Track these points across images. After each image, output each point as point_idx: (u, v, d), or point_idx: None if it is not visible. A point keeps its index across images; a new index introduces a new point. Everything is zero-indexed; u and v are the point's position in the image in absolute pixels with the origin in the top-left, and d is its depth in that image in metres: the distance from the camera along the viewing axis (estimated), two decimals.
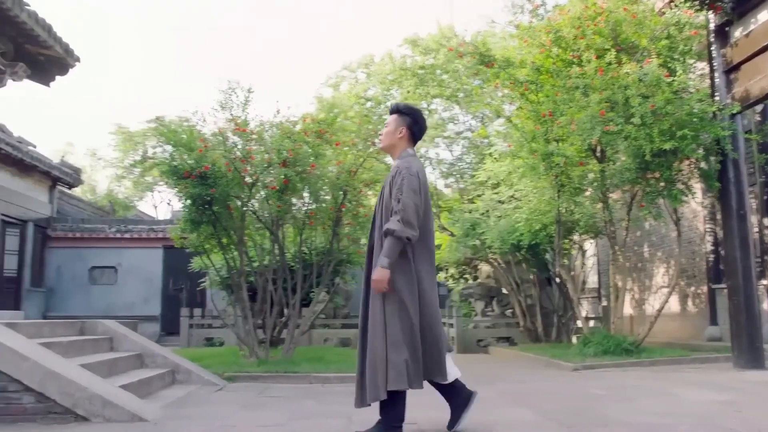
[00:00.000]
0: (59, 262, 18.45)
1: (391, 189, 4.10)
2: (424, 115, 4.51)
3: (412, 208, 3.96)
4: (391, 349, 3.91)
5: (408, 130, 4.30)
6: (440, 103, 14.97)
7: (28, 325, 6.12)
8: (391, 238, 3.94)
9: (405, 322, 3.95)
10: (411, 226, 3.95)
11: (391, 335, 3.94)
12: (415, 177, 4.07)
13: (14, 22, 9.60)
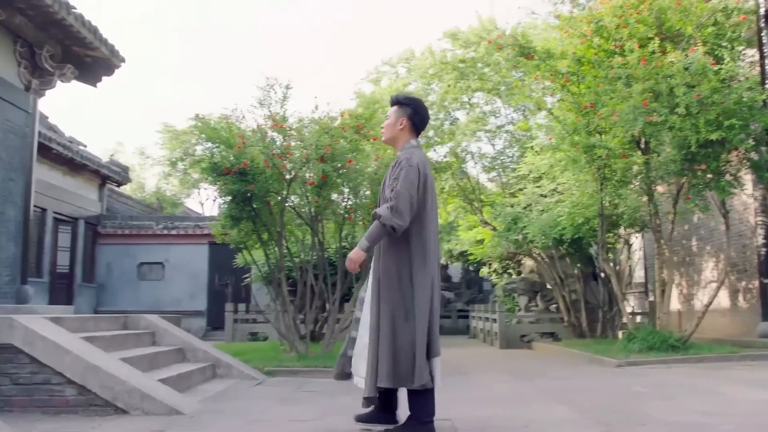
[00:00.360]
0: (109, 259, 18.94)
1: (390, 179, 4.09)
2: (424, 105, 4.45)
3: (406, 198, 3.91)
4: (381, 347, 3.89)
5: (409, 120, 4.25)
6: (481, 96, 14.82)
7: (73, 320, 6.28)
8: (377, 223, 3.92)
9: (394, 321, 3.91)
10: (400, 216, 3.88)
11: (382, 332, 3.92)
12: (415, 168, 4.01)
13: (61, 24, 9.82)
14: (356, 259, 3.91)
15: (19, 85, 10.31)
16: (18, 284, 10.31)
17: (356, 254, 3.92)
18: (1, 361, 4.93)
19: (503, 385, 7.15)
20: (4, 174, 9.85)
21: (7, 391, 4.90)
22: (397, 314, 3.93)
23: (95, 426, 4.40)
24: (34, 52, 10.42)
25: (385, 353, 3.88)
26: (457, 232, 17.68)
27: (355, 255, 3.92)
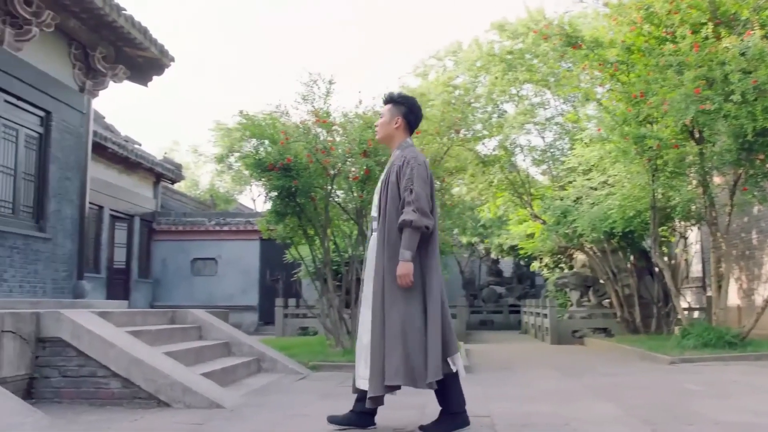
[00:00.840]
0: (164, 255, 19.36)
1: (398, 178, 4.02)
2: (419, 104, 4.42)
3: (425, 197, 3.92)
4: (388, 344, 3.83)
5: (404, 119, 4.24)
6: (530, 88, 14.58)
7: (122, 314, 6.43)
8: (409, 230, 3.86)
9: (406, 316, 3.85)
10: (427, 216, 3.90)
11: (388, 330, 3.85)
12: (423, 166, 4.03)
13: (112, 26, 10.07)
14: (406, 273, 3.84)
15: (74, 87, 10.62)
16: (75, 280, 10.65)
17: (405, 268, 3.84)
18: (50, 354, 5.07)
19: (549, 381, 7.01)
20: (60, 173, 10.17)
21: (56, 383, 5.05)
22: (407, 313, 3.87)
23: (137, 418, 4.48)
24: (88, 54, 10.72)
25: (396, 352, 3.81)
26: (507, 226, 17.45)
27: (403, 270, 3.84)
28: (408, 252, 3.84)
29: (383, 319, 3.88)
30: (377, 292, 3.96)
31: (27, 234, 9.33)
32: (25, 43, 9.13)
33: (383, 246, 3.98)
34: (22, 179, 9.40)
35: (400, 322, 3.85)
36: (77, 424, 4.22)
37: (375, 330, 3.91)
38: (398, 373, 3.80)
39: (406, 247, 3.85)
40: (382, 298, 3.91)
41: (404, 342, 3.83)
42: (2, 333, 4.67)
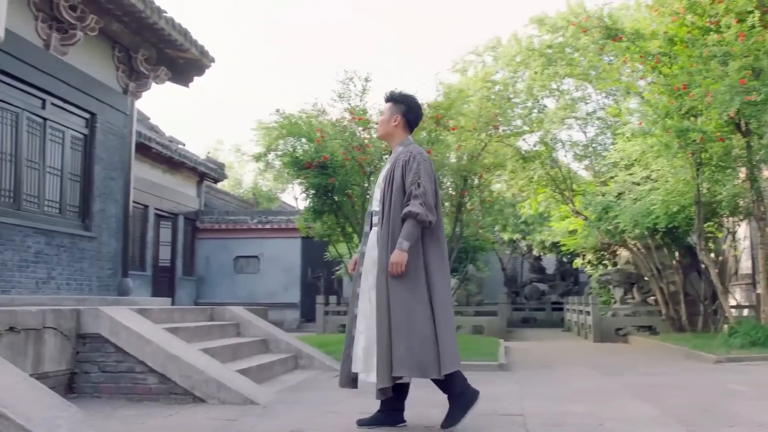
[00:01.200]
0: (207, 252, 19.68)
1: (404, 173, 4.04)
2: (418, 103, 4.46)
3: (431, 192, 3.99)
4: (395, 337, 3.83)
5: (403, 117, 4.29)
6: (571, 82, 14.35)
7: (160, 311, 6.55)
8: (412, 221, 3.91)
9: (408, 309, 3.86)
10: (432, 211, 3.97)
11: (394, 322, 3.86)
12: (428, 162, 4.11)
13: (154, 28, 10.26)
14: (401, 261, 3.87)
15: (118, 89, 10.86)
16: (119, 277, 10.88)
17: (400, 257, 3.87)
18: (90, 349, 5.20)
19: (588, 380, 6.90)
20: (105, 173, 10.41)
21: (96, 378, 5.17)
22: (412, 304, 3.88)
23: (172, 413, 4.56)
24: (131, 56, 10.94)
25: (402, 343, 3.82)
26: (549, 222, 17.23)
27: (398, 258, 3.87)
28: (406, 242, 3.88)
29: (388, 312, 3.89)
30: (381, 286, 3.96)
31: (73, 233, 9.58)
32: (70, 47, 9.37)
33: (387, 240, 3.98)
34: (68, 180, 9.65)
35: (406, 313, 3.86)
36: (114, 419, 4.31)
37: (380, 323, 3.91)
38: (404, 364, 3.80)
39: (405, 237, 3.88)
40: (387, 291, 3.92)
41: (410, 333, 3.83)
42: (44, 329, 4.80)
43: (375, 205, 4.22)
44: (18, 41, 8.43)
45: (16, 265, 8.45)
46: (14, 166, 8.64)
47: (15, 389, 3.26)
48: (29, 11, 8.80)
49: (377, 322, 3.94)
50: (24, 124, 8.81)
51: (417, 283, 3.91)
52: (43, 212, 9.09)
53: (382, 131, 4.40)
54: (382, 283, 3.97)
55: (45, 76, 9.00)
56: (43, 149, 9.16)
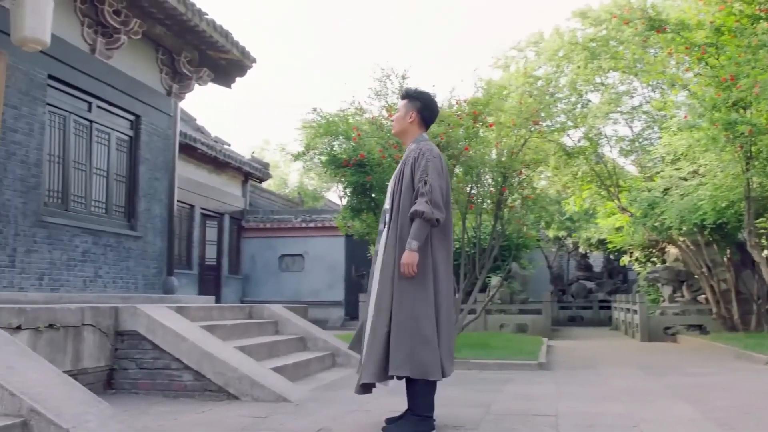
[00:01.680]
0: (253, 251, 19.93)
1: (413, 171, 3.99)
2: (434, 100, 4.38)
3: (438, 190, 3.90)
4: (396, 337, 3.79)
5: (418, 114, 4.21)
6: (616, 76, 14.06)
7: (198, 309, 6.65)
8: (420, 221, 3.84)
9: (414, 308, 3.80)
10: (439, 208, 3.88)
11: (396, 319, 3.81)
12: (439, 159, 4.02)
13: (195, 31, 10.43)
14: (411, 262, 3.80)
15: (162, 91, 11.07)
16: (164, 276, 11.09)
17: (410, 257, 3.81)
18: (128, 346, 5.31)
19: (629, 380, 6.74)
20: (149, 174, 10.62)
21: (134, 375, 5.28)
22: (417, 305, 3.83)
23: (205, 410, 4.62)
24: (174, 58, 11.13)
25: (404, 343, 3.77)
26: (595, 219, 16.90)
27: (409, 258, 3.81)
28: (415, 242, 3.82)
29: (390, 311, 3.85)
30: (385, 284, 3.91)
31: (119, 232, 9.79)
32: (115, 51, 9.58)
33: (396, 239, 3.94)
34: (114, 180, 9.87)
35: (412, 313, 3.82)
36: (148, 415, 4.39)
37: (379, 320, 3.87)
38: (404, 365, 3.76)
39: (414, 237, 3.82)
40: (392, 290, 3.88)
41: (414, 334, 3.78)
42: (83, 326, 4.92)
43: (386, 204, 4.18)
44: (65, 47, 8.67)
45: (65, 264, 8.69)
46: (62, 168, 8.89)
47: (48, 385, 3.34)
48: (76, 17, 9.03)
49: (374, 318, 3.91)
50: (71, 127, 9.06)
51: (424, 283, 3.86)
52: (90, 212, 9.33)
53: (397, 128, 4.34)
54: (385, 280, 3.93)
55: (91, 79, 9.22)
56: (90, 151, 9.39)
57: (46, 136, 8.49)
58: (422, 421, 3.87)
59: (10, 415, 3.13)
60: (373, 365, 3.84)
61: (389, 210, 4.10)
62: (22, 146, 7.99)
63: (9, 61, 7.69)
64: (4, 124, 7.69)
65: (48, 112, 8.54)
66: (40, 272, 8.27)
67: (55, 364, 4.59)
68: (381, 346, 3.82)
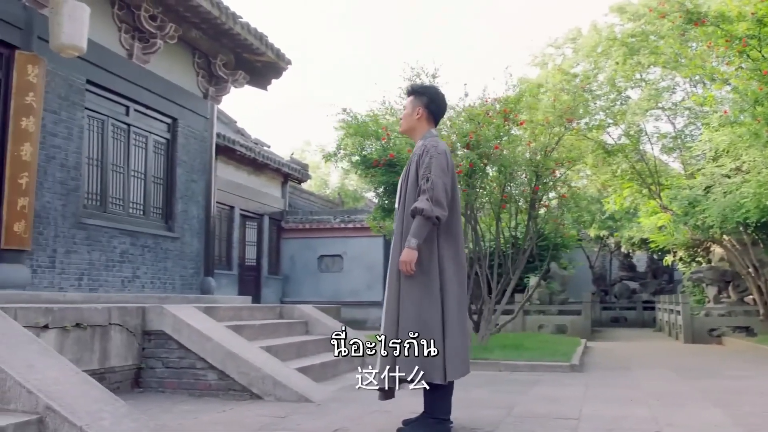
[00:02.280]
0: (292, 252, 20.09)
1: (418, 168, 3.91)
2: (441, 94, 4.25)
3: (441, 187, 3.80)
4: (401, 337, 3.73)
5: (425, 109, 4.10)
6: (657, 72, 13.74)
7: (228, 309, 6.72)
8: (420, 218, 3.77)
9: (419, 309, 3.75)
10: (440, 206, 3.79)
11: (402, 320, 3.76)
12: (443, 156, 3.91)
13: (230, 34, 10.56)
14: (409, 260, 3.75)
15: (198, 94, 11.23)
16: (202, 276, 11.25)
17: (408, 255, 3.76)
18: (155, 345, 5.40)
19: (663, 382, 6.57)
20: (186, 176, 10.79)
21: (161, 374, 5.36)
22: (423, 305, 3.78)
23: (226, 409, 4.66)
24: (210, 61, 11.29)
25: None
26: (637, 218, 16.54)
27: (407, 256, 3.76)
28: (414, 240, 3.76)
29: (398, 311, 3.81)
30: (393, 285, 3.88)
31: (157, 234, 9.97)
32: (151, 55, 9.76)
33: (400, 237, 3.90)
34: (151, 182, 10.06)
35: (417, 314, 3.77)
36: (170, 414, 4.45)
37: (388, 321, 3.85)
38: (410, 366, 3.70)
39: (414, 234, 3.77)
40: (398, 289, 3.84)
41: (419, 335, 3.72)
42: (110, 326, 5.02)
43: (396, 202, 4.15)
44: (103, 52, 8.87)
45: (103, 264, 8.88)
46: (100, 171, 9.09)
47: (65, 383, 3.41)
48: (113, 23, 9.23)
49: (384, 320, 3.88)
50: (109, 131, 9.26)
51: (429, 283, 3.80)
52: (128, 214, 9.52)
53: (405, 126, 4.26)
54: (393, 281, 3.90)
55: (128, 84, 9.41)
56: (128, 154, 9.59)
57: (84, 139, 8.69)
58: (438, 423, 3.83)
59: (27, 412, 3.21)
60: (384, 368, 3.80)
61: (397, 209, 4.08)
62: (61, 150, 8.20)
63: (48, 68, 7.89)
64: (43, 129, 7.89)
65: (87, 117, 8.75)
66: (80, 273, 8.47)
67: (82, 363, 4.71)
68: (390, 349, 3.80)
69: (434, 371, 3.71)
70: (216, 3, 9.76)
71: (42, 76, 7.74)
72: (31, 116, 7.57)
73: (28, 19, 7.68)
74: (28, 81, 7.56)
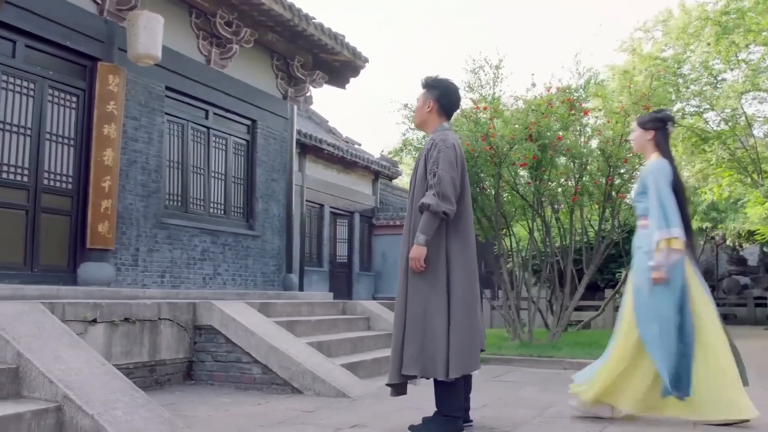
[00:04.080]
0: (383, 248, 20.24)
1: (427, 162, 3.85)
2: (454, 86, 4.13)
3: (449, 181, 3.73)
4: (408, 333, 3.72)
5: (436, 103, 4.04)
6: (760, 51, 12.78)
7: (284, 305, 6.88)
8: (427, 213, 3.71)
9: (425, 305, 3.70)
10: (448, 201, 3.71)
11: (409, 317, 3.72)
12: (452, 149, 3.83)
13: (304, 35, 10.79)
14: (418, 256, 3.71)
15: (278, 95, 11.55)
16: (284, 273, 11.56)
17: (417, 251, 3.72)
18: (205, 340, 5.60)
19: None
20: (266, 175, 11.12)
21: (210, 367, 5.56)
22: (429, 301, 3.71)
23: (262, 403, 4.77)
24: (288, 63, 11.58)
25: (415, 340, 3.69)
26: (743, 208, 15.47)
27: (416, 253, 3.72)
28: (422, 236, 3.71)
29: (405, 307, 3.79)
30: (401, 280, 3.85)
31: (237, 232, 10.34)
32: (228, 60, 10.12)
33: (409, 233, 3.86)
34: (231, 183, 10.44)
35: (423, 310, 3.72)
36: (206, 405, 4.61)
37: (397, 317, 3.83)
38: (415, 363, 3.68)
39: (422, 230, 3.72)
40: (406, 285, 3.81)
41: (424, 331, 3.69)
42: (159, 320, 5.26)
43: (408, 197, 4.13)
44: (182, 59, 9.31)
45: (185, 262, 9.31)
46: (181, 173, 9.54)
47: (88, 374, 3.62)
48: (192, 31, 9.65)
49: (395, 317, 3.88)
50: (189, 134, 9.70)
51: (437, 279, 3.75)
52: (209, 213, 9.93)
53: (417, 119, 4.24)
54: (401, 277, 3.87)
55: (207, 88, 9.82)
56: (208, 156, 10.00)
57: (165, 143, 9.14)
58: (448, 422, 3.76)
59: (48, 400, 3.43)
60: (392, 365, 3.80)
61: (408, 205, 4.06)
62: (142, 154, 8.66)
63: (129, 77, 8.36)
64: (125, 134, 8.37)
65: (166, 121, 9.19)
66: (162, 270, 8.92)
67: (131, 355, 4.97)
68: (398, 345, 3.79)
69: (437, 367, 3.67)
70: (288, 6, 9.99)
71: (122, 85, 8.21)
72: (113, 123, 8.04)
73: (109, 33, 8.16)
74: (110, 90, 8.04)
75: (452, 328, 3.70)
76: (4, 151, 7.15)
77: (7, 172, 7.16)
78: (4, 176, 7.13)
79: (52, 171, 7.67)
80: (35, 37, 7.49)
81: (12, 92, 7.31)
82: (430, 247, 3.75)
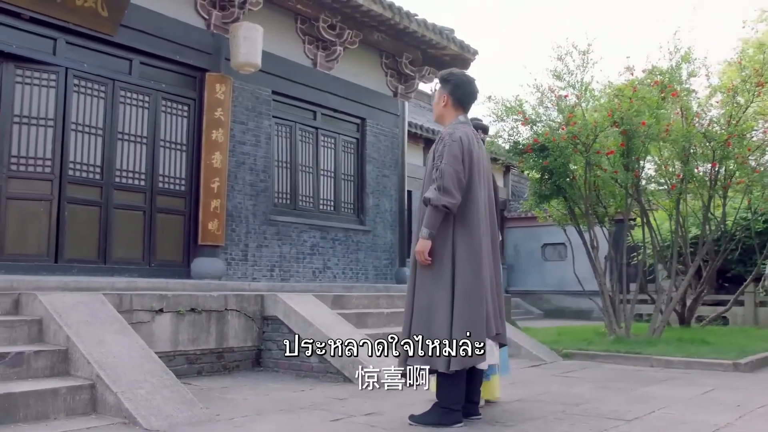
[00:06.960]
0: (516, 241, 19.96)
1: (434, 156, 3.88)
2: (468, 78, 4.11)
3: (452, 174, 3.76)
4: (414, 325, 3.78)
5: (450, 96, 4.09)
6: None
7: (360, 297, 7.13)
8: (430, 207, 3.77)
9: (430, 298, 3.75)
10: (449, 194, 3.73)
11: (415, 310, 3.78)
12: (458, 143, 3.82)
13: (408, 32, 10.94)
14: (423, 249, 3.80)
15: (388, 93, 11.83)
16: (397, 266, 11.84)
17: (421, 245, 3.81)
18: (272, 330, 5.99)
19: None
20: (377, 172, 11.45)
21: (276, 355, 5.94)
22: (434, 294, 3.75)
23: (305, 389, 5.04)
24: (397, 60, 11.81)
25: (420, 331, 3.76)
26: None
27: (420, 246, 3.82)
28: (426, 230, 3.80)
29: (413, 299, 3.88)
30: (411, 273, 3.98)
31: (347, 227, 10.73)
32: (334, 62, 10.55)
33: (419, 226, 3.93)
34: (341, 180, 10.87)
35: (427, 302, 3.79)
36: (253, 390, 4.97)
37: (406, 309, 3.95)
38: (418, 354, 3.76)
39: (426, 224, 3.81)
40: (414, 278, 3.91)
41: (429, 323, 3.75)
42: (226, 311, 5.71)
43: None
44: (290, 65, 9.84)
45: (294, 257, 9.85)
46: (290, 172, 10.08)
47: (125, 356, 4.07)
48: (298, 37, 10.16)
49: (405, 311, 4.00)
50: (297, 135, 10.22)
51: (442, 271, 3.80)
52: (318, 210, 10.41)
53: (435, 114, 4.32)
54: (411, 270, 4.01)
55: (314, 90, 10.28)
56: (316, 155, 10.48)
57: (273, 144, 9.72)
58: (446, 413, 3.80)
59: (86, 378, 3.92)
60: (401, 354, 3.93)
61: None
62: (250, 156, 9.28)
63: (236, 84, 8.99)
64: (232, 138, 9.02)
65: (274, 124, 9.76)
66: (271, 264, 9.51)
67: (198, 342, 5.45)
68: (405, 337, 3.90)
69: (438, 360, 3.72)
70: (388, 5, 10.18)
71: (229, 93, 8.86)
72: (220, 128, 8.71)
73: (216, 45, 8.82)
74: (217, 98, 8.71)
75: (455, 322, 3.75)
76: (123, 158, 7.99)
77: (126, 177, 7.99)
78: (124, 181, 7.96)
79: (166, 174, 8.43)
80: (148, 54, 8.26)
81: (129, 106, 8.15)
82: (436, 240, 3.83)
